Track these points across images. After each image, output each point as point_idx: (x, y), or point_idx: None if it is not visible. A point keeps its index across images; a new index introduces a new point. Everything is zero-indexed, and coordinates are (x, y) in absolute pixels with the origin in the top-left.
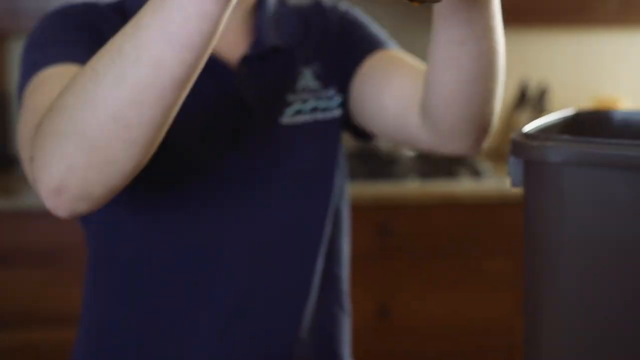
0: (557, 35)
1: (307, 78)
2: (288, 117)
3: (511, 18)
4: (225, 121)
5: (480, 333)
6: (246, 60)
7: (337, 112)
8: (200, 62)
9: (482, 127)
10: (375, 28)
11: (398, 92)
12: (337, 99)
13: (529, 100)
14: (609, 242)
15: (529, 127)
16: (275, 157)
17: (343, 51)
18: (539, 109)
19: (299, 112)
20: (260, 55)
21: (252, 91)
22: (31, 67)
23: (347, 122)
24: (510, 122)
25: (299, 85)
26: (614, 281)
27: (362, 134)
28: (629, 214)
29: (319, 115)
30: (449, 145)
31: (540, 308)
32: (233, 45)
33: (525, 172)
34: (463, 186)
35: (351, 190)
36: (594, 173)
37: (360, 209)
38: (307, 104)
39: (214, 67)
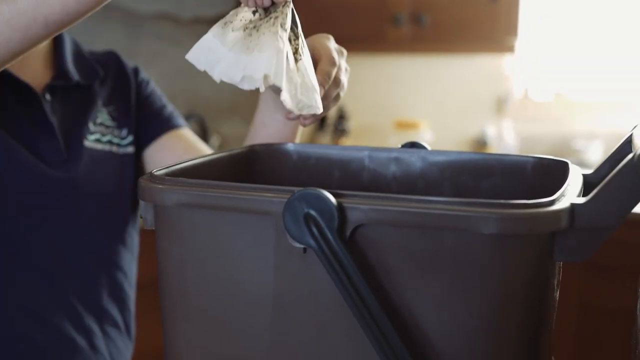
0: (353, 60)
1: (105, 117)
2: (90, 142)
3: None
4: (32, 138)
5: None
6: (50, 88)
7: (129, 149)
8: (77, 18)
9: None
10: (165, 100)
11: None
12: (129, 139)
13: (329, 123)
14: (225, 283)
15: (164, 169)
16: (77, 173)
17: (141, 118)
18: (339, 132)
19: (97, 140)
20: (63, 86)
21: (55, 115)
22: None
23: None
24: (312, 143)
25: (98, 120)
26: (232, 324)
27: None
28: (240, 257)
29: (114, 149)
30: None
31: (175, 348)
32: (38, 74)
33: (154, 213)
34: None
35: None
36: (206, 216)
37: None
38: (104, 137)
39: (20, 90)
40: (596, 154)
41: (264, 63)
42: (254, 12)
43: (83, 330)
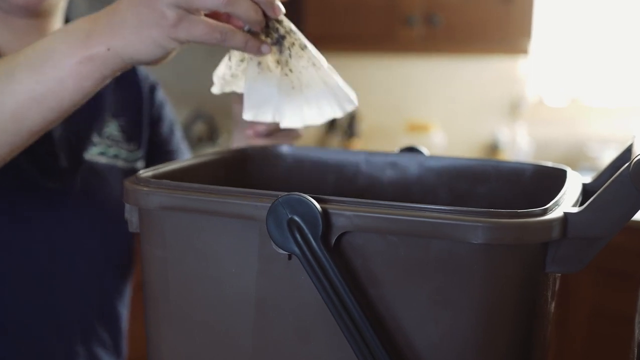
0: (365, 61)
1: (113, 128)
2: (91, 155)
3: (321, 44)
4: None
5: None
6: None
7: (139, 164)
8: (61, 119)
9: None
10: (176, 128)
11: None
12: (138, 153)
13: (339, 124)
14: (208, 288)
15: (151, 170)
16: (73, 186)
17: (152, 140)
18: (349, 133)
19: (102, 153)
20: None
21: (58, 125)
22: None
23: None
24: (322, 145)
25: (105, 132)
26: (215, 328)
27: None
28: (223, 261)
29: (120, 163)
30: None
31: (159, 353)
32: None
33: (138, 215)
34: None
35: None
36: (190, 219)
37: None
38: (110, 150)
39: None
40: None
41: (322, 97)
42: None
43: (66, 349)
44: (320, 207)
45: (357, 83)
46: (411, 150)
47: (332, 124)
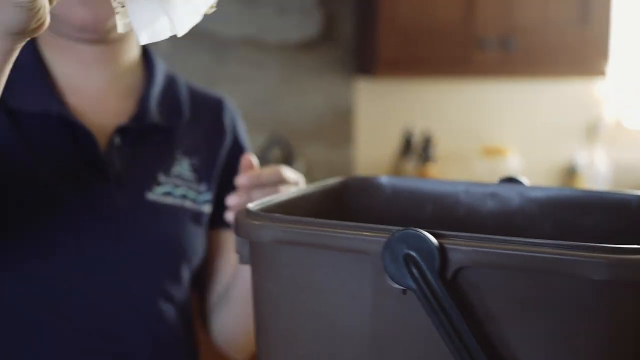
0: (440, 85)
1: (184, 168)
2: (156, 195)
3: (395, 68)
4: (82, 184)
5: None
6: (121, 130)
7: (206, 208)
8: None
9: None
10: None
11: None
12: (206, 196)
13: (414, 148)
14: (321, 322)
15: (258, 203)
16: (135, 227)
17: (226, 185)
18: (424, 158)
19: (168, 193)
20: (138, 129)
21: (120, 161)
22: None
23: None
24: (397, 170)
25: (174, 171)
26: None
27: None
28: (335, 295)
29: (187, 204)
30: None
31: None
32: (114, 112)
33: (250, 249)
34: None
35: None
36: (302, 253)
37: None
38: (177, 190)
39: (75, 131)
40: None
41: None
42: None
43: None
44: (437, 242)
45: (431, 107)
46: (511, 180)
47: (407, 148)
